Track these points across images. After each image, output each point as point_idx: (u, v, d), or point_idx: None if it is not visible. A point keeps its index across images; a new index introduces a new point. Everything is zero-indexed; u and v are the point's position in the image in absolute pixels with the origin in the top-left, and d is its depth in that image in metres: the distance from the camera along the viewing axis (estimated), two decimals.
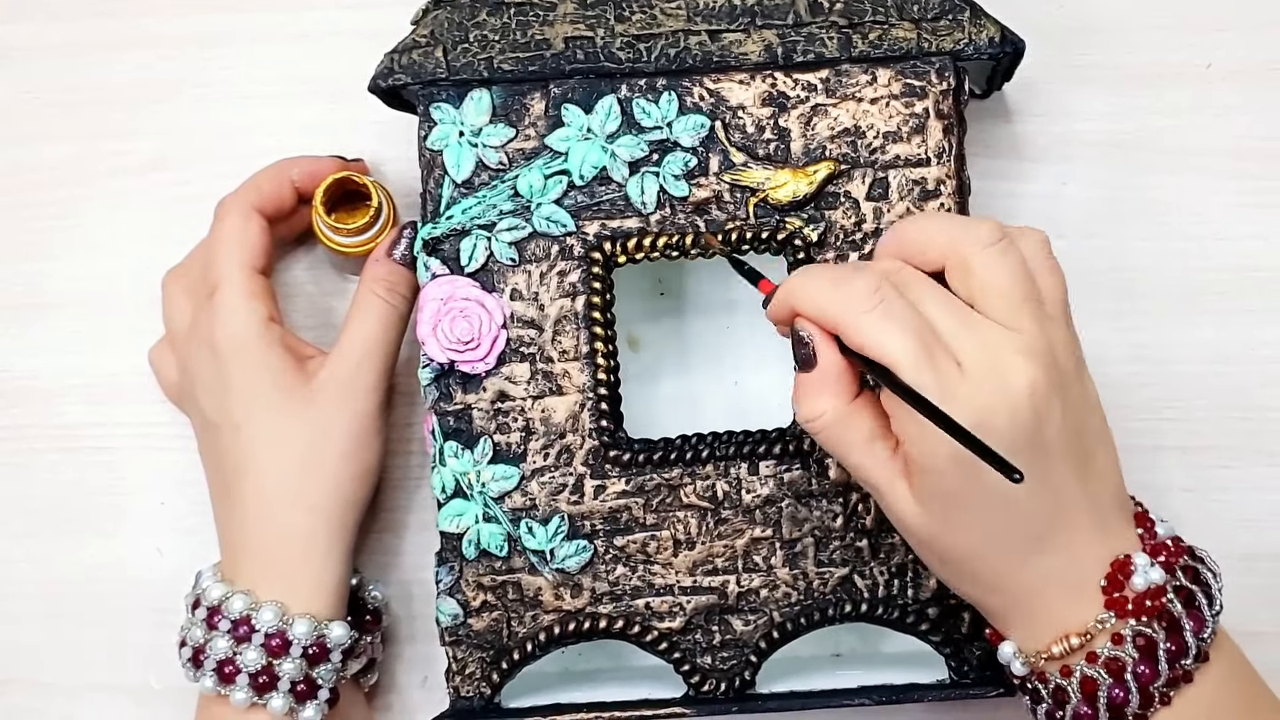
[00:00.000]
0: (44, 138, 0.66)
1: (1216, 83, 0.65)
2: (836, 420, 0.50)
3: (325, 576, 0.57)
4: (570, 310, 0.57)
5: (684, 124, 0.57)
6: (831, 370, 0.50)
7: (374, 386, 0.59)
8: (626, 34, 0.57)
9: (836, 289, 0.49)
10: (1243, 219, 0.64)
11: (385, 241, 0.60)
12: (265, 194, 0.60)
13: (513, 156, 0.57)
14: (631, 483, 0.57)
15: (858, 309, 0.49)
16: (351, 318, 0.59)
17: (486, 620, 0.57)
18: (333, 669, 0.56)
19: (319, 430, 0.58)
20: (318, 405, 0.58)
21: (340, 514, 0.58)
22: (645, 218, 0.57)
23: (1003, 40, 0.57)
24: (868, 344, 0.48)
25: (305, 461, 0.57)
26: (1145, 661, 0.49)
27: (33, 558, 0.64)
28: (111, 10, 0.66)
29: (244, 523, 0.57)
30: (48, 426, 0.65)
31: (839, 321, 0.49)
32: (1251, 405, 0.63)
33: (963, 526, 0.49)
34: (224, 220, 0.60)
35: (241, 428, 0.58)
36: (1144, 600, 0.50)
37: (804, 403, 0.50)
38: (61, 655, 0.64)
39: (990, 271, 0.49)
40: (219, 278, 0.59)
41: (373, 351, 0.59)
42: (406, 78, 0.57)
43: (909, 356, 0.47)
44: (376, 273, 0.59)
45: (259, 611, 0.55)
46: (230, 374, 0.58)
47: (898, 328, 0.48)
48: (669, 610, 0.57)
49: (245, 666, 0.55)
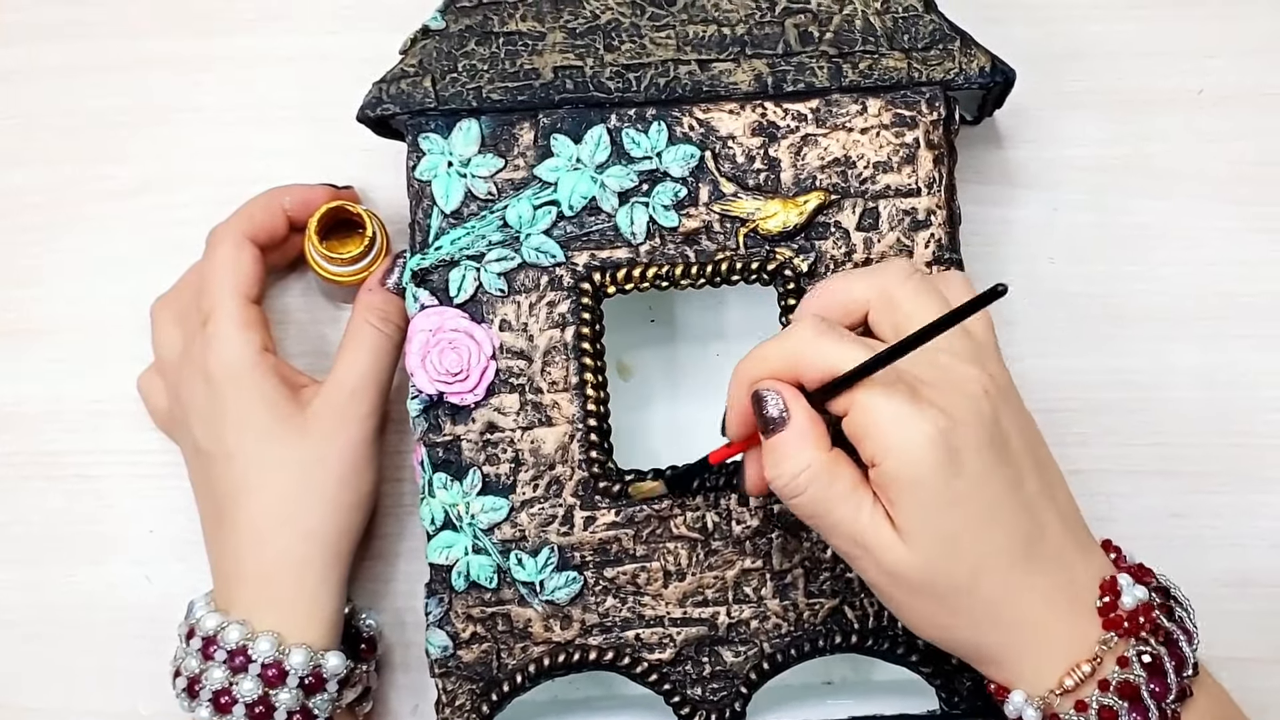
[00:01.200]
0: (31, 162, 0.66)
1: (1207, 108, 0.65)
2: (822, 471, 0.49)
3: (321, 605, 0.57)
4: (560, 341, 0.57)
5: (674, 154, 0.56)
6: (806, 422, 0.49)
7: (368, 415, 0.58)
8: (616, 64, 0.57)
9: (780, 341, 0.50)
10: (1234, 244, 0.64)
11: (378, 270, 0.60)
12: (258, 223, 0.60)
13: (502, 187, 0.57)
14: (621, 514, 0.56)
15: (807, 338, 0.49)
16: (345, 347, 0.59)
17: (476, 652, 0.57)
18: (329, 699, 0.56)
19: (314, 458, 0.57)
20: (312, 434, 0.58)
21: (335, 542, 0.58)
22: (635, 248, 0.57)
23: (993, 70, 0.57)
24: (826, 361, 0.48)
25: (300, 489, 0.57)
26: (1155, 679, 0.49)
27: (21, 584, 0.64)
28: (100, 35, 0.66)
29: (238, 551, 0.57)
30: (36, 453, 0.64)
31: (796, 358, 0.49)
32: (1242, 431, 0.63)
33: (955, 551, 0.48)
34: (217, 249, 0.60)
35: (235, 456, 0.57)
36: (1138, 618, 0.49)
37: (784, 462, 0.49)
38: (49, 682, 0.64)
39: (916, 302, 0.50)
40: (213, 306, 0.58)
41: (366, 380, 0.59)
42: (395, 107, 0.57)
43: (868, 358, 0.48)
44: (370, 302, 0.59)
45: (255, 642, 0.55)
46: (224, 403, 0.57)
47: (851, 341, 0.48)
48: (659, 641, 0.57)
49: (242, 697, 0.55)
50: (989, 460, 0.48)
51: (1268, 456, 0.63)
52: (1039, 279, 0.64)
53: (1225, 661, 0.53)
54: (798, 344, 0.49)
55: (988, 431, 0.48)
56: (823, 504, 0.49)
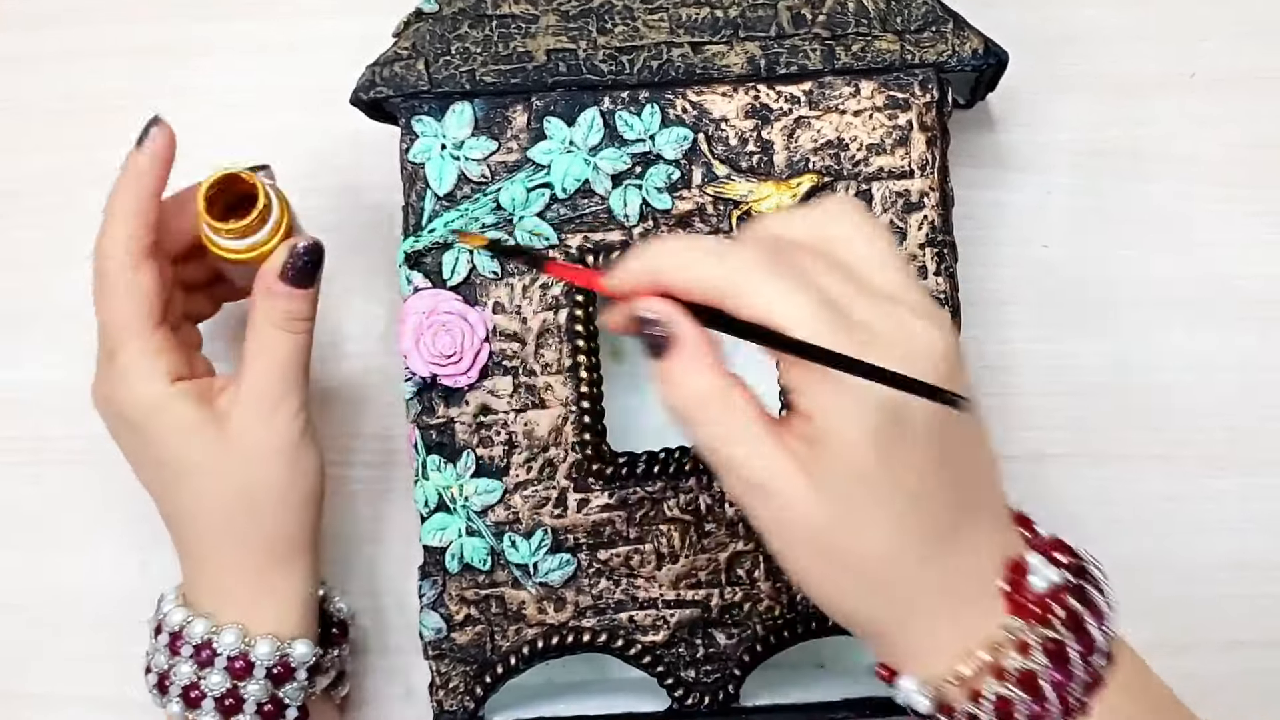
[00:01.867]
0: (23, 149, 0.66)
1: (1200, 91, 0.65)
2: (716, 397, 0.44)
3: (286, 596, 0.56)
4: (553, 324, 0.57)
5: (667, 136, 0.57)
6: (699, 343, 0.44)
7: (293, 416, 0.56)
8: (609, 46, 0.57)
9: (716, 255, 0.44)
10: (1227, 228, 0.64)
11: (274, 265, 0.55)
12: (137, 230, 0.55)
13: (495, 169, 0.57)
14: (614, 496, 0.56)
15: (749, 270, 0.43)
16: (253, 352, 0.55)
17: (470, 634, 0.57)
18: (299, 687, 0.56)
19: (247, 474, 0.55)
20: (239, 447, 0.55)
21: (288, 543, 0.56)
22: (628, 230, 0.57)
23: (986, 52, 0.57)
24: (766, 307, 0.43)
25: (242, 502, 0.55)
26: (1058, 667, 0.45)
27: (13, 570, 0.64)
28: (92, 20, 0.66)
29: (193, 560, 0.57)
30: (29, 439, 0.65)
31: (727, 290, 0.43)
32: (1237, 414, 0.63)
33: (872, 518, 0.44)
34: (104, 276, 0.55)
35: (170, 491, 0.56)
36: (1046, 601, 0.45)
37: (675, 385, 0.44)
38: (42, 667, 0.64)
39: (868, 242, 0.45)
40: (114, 344, 0.55)
41: (284, 383, 0.55)
42: (388, 90, 0.57)
43: (816, 319, 0.43)
44: (274, 305, 0.55)
45: (220, 635, 0.55)
46: (144, 439, 0.56)
47: (797, 289, 0.43)
48: (652, 624, 0.57)
49: (210, 691, 0.55)
50: (933, 433, 0.44)
51: (1263, 440, 0.63)
52: (1032, 262, 0.64)
53: (1220, 645, 0.53)
54: (736, 270, 0.44)
55: (937, 416, 0.44)
56: (718, 431, 0.44)
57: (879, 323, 0.44)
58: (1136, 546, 0.62)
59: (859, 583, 0.45)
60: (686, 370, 0.45)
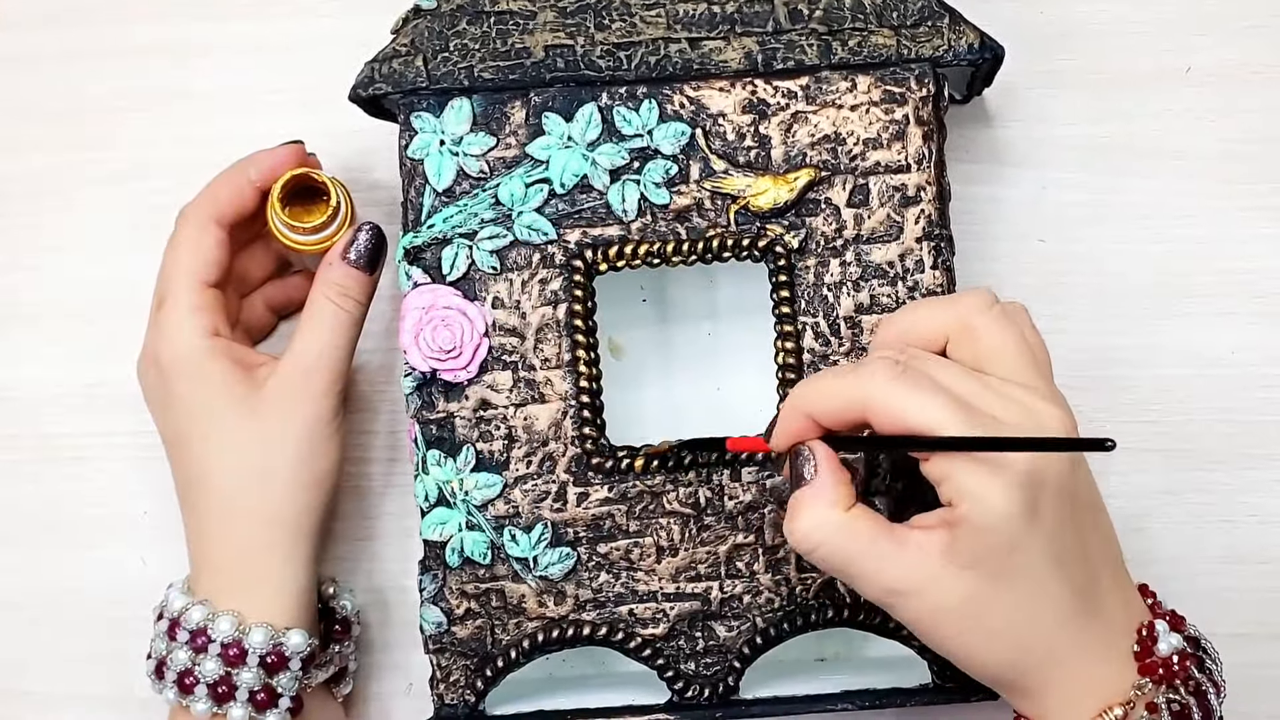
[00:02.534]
0: (22, 147, 0.66)
1: (1196, 86, 0.65)
2: (836, 530, 0.49)
3: (284, 584, 0.57)
4: (552, 318, 0.57)
5: (664, 132, 0.57)
6: (830, 479, 0.49)
7: (325, 392, 0.57)
8: (606, 42, 0.57)
9: (851, 375, 0.49)
10: (1223, 222, 0.64)
11: (339, 244, 0.59)
12: (223, 201, 0.59)
13: (494, 165, 0.57)
14: (614, 490, 0.57)
15: (881, 384, 0.48)
16: (303, 323, 0.58)
17: (470, 628, 0.57)
18: (293, 677, 0.56)
19: (269, 439, 0.57)
20: (267, 415, 0.57)
21: (296, 521, 0.57)
22: (626, 225, 0.57)
23: (982, 46, 0.57)
24: (902, 415, 0.47)
25: (256, 472, 0.57)
26: None
27: (15, 567, 0.64)
28: (90, 20, 0.66)
29: (200, 535, 0.57)
30: (29, 437, 0.65)
31: (866, 402, 0.48)
32: (1233, 408, 0.63)
33: (1016, 586, 0.48)
34: (178, 232, 0.59)
35: (192, 443, 0.57)
36: (1172, 666, 0.49)
37: (797, 518, 0.49)
38: (44, 664, 0.64)
39: (996, 335, 0.50)
40: (165, 293, 0.58)
41: (324, 358, 0.57)
42: (387, 87, 0.57)
43: (950, 415, 0.47)
44: (329, 277, 0.58)
45: (215, 621, 0.55)
46: (175, 390, 0.57)
47: (929, 392, 0.47)
48: (652, 617, 0.57)
49: (203, 677, 0.55)
50: (1064, 513, 0.48)
51: (1259, 433, 0.63)
52: (1028, 257, 0.64)
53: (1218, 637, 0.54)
54: (870, 388, 0.48)
55: (1068, 484, 0.48)
56: (840, 558, 0.49)
57: (1005, 411, 0.48)
58: (1133, 540, 0.62)
59: (1002, 646, 0.49)
60: (815, 504, 0.49)
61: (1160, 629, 0.50)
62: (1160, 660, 0.49)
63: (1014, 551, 0.47)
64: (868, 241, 0.57)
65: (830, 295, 0.57)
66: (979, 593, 0.48)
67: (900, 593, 0.49)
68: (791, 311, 0.57)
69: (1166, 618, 0.51)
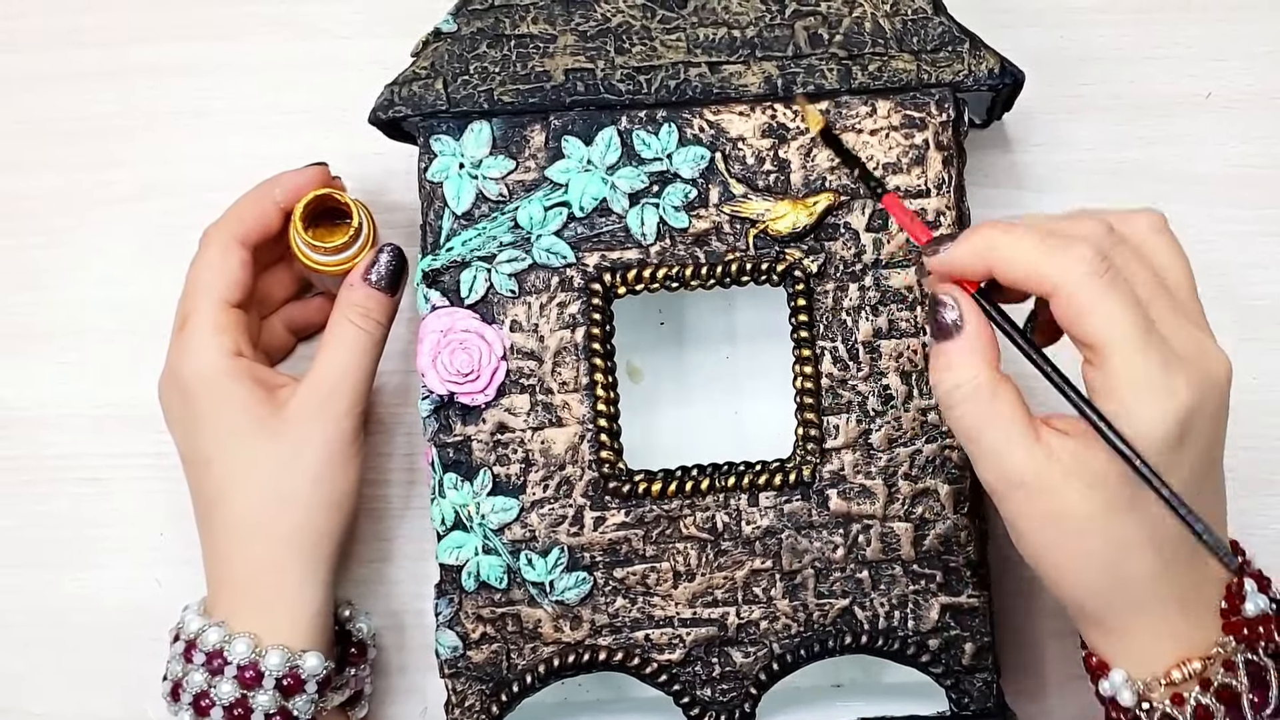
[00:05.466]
0: (34, 167, 0.66)
1: (1216, 112, 0.65)
2: (986, 388, 0.47)
3: (301, 607, 0.57)
4: (570, 342, 0.57)
5: (684, 155, 0.57)
6: (979, 337, 0.47)
7: (345, 414, 0.57)
8: (626, 66, 0.57)
9: (1055, 252, 0.46)
10: (1244, 248, 0.64)
11: (361, 265, 0.59)
12: (247, 222, 0.59)
13: (513, 188, 0.57)
14: (631, 514, 0.56)
15: (1080, 277, 0.46)
16: (324, 344, 0.58)
17: (486, 652, 0.57)
18: (309, 700, 0.56)
19: (289, 460, 0.57)
20: (287, 436, 0.57)
21: (314, 543, 0.57)
22: (645, 249, 0.57)
23: (1002, 71, 0.57)
24: (1090, 316, 0.46)
25: (276, 493, 0.57)
26: (1257, 690, 0.48)
27: (28, 588, 0.64)
28: (102, 40, 0.67)
29: (218, 556, 0.57)
30: (42, 457, 0.65)
31: (1061, 287, 0.46)
32: (1252, 434, 0.63)
33: (1138, 518, 0.47)
34: (202, 253, 0.59)
35: (212, 463, 0.57)
36: (1257, 627, 0.49)
37: (948, 370, 0.47)
38: (59, 687, 0.64)
39: (1176, 263, 0.49)
40: (188, 311, 0.58)
41: (344, 379, 0.57)
42: (407, 109, 0.57)
43: (1133, 334, 0.46)
44: (351, 298, 0.58)
45: (232, 643, 0.55)
46: (197, 409, 0.57)
47: (1121, 302, 0.46)
48: (669, 642, 0.57)
49: (220, 699, 0.55)
50: (1206, 447, 0.47)
51: (1278, 460, 0.63)
52: None
53: None
54: (1068, 276, 0.46)
55: (1219, 422, 0.48)
56: (976, 425, 0.47)
57: (1183, 344, 0.47)
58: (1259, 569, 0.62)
59: (1099, 575, 0.48)
60: (965, 357, 0.47)
61: (1249, 587, 0.49)
62: (1245, 620, 0.49)
63: (1144, 484, 0.46)
64: (887, 266, 0.57)
65: (849, 320, 0.57)
66: (1095, 514, 0.47)
67: (1017, 485, 0.47)
68: (810, 336, 0.57)
69: (1255, 577, 0.50)
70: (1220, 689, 0.48)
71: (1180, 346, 0.47)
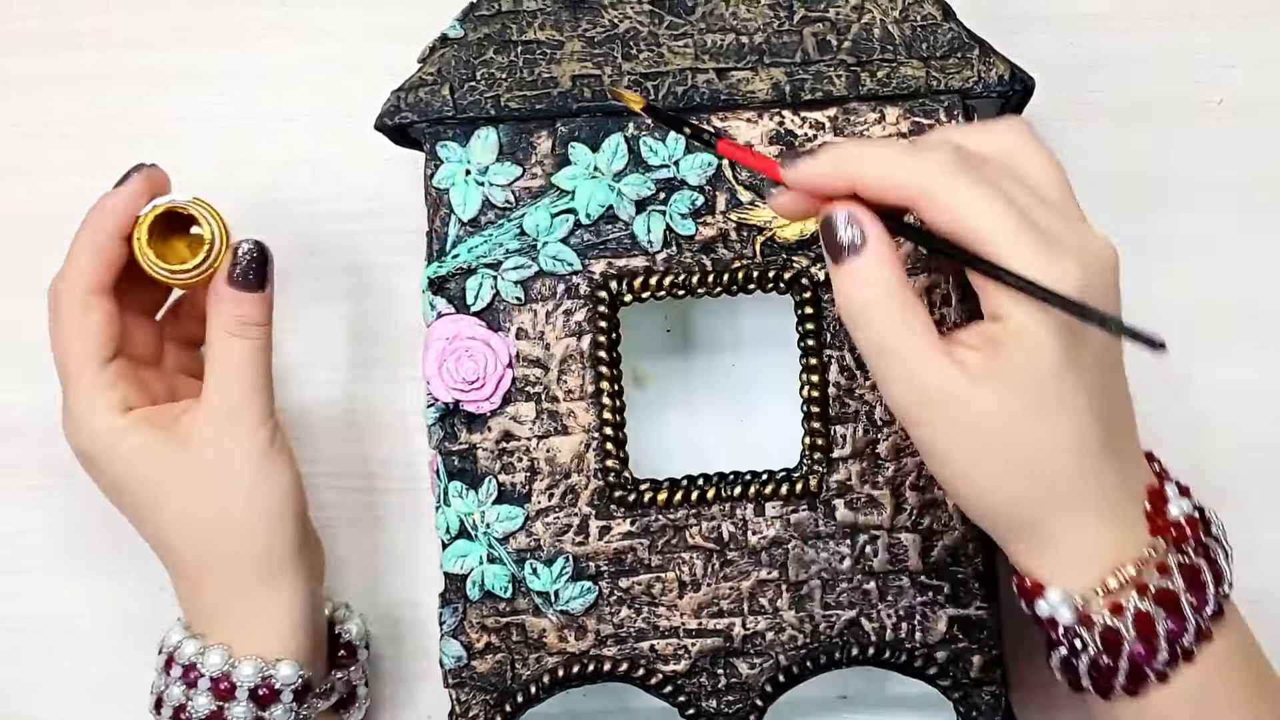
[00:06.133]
0: (38, 171, 0.66)
1: (1228, 118, 0.64)
2: (897, 299, 0.46)
3: (274, 616, 0.55)
4: (576, 349, 0.56)
5: (691, 162, 0.56)
6: (885, 248, 0.46)
7: (255, 427, 0.55)
8: (634, 72, 0.56)
9: (914, 156, 0.46)
10: (1257, 255, 0.64)
11: (222, 271, 0.55)
12: (95, 268, 0.55)
13: (519, 195, 0.57)
14: (637, 524, 0.56)
15: (947, 175, 0.45)
16: (210, 365, 0.55)
17: (490, 662, 0.56)
18: (286, 709, 0.55)
19: (210, 491, 0.55)
20: (202, 470, 0.55)
21: (266, 557, 0.55)
22: (652, 256, 0.56)
23: (1012, 78, 0.57)
24: (962, 212, 0.45)
25: (209, 525, 0.55)
26: (1194, 591, 0.47)
27: (30, 594, 0.64)
28: (108, 43, 0.66)
29: (183, 593, 0.57)
30: (48, 462, 0.64)
31: (925, 190, 0.45)
32: (1262, 445, 0.63)
33: (1051, 416, 0.46)
34: (59, 315, 0.56)
35: (143, 521, 0.56)
36: (1184, 528, 0.48)
37: (858, 284, 0.46)
38: (61, 694, 0.63)
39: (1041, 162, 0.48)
40: (63, 380, 0.56)
41: (239, 395, 0.55)
42: (413, 116, 0.57)
43: (1009, 222, 0.45)
44: (221, 310, 0.55)
45: (205, 656, 0.55)
46: (106, 475, 0.56)
47: (990, 194, 0.45)
48: (674, 653, 0.56)
49: (195, 712, 0.54)
50: (1106, 349, 0.47)
51: None
52: None
53: None
54: (934, 175, 0.45)
55: (1112, 304, 0.47)
56: (887, 343, 0.46)
57: (1062, 232, 0.46)
58: None
59: (1023, 480, 0.47)
60: (872, 271, 0.46)
61: (1171, 492, 0.49)
62: (1171, 522, 0.48)
63: (1055, 380, 0.45)
64: None
65: None
66: (1012, 417, 0.46)
67: (935, 401, 0.46)
68: (817, 344, 0.56)
69: (1175, 484, 0.50)
70: (1158, 593, 0.47)
71: (1059, 234, 0.46)
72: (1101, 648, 0.47)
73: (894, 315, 0.46)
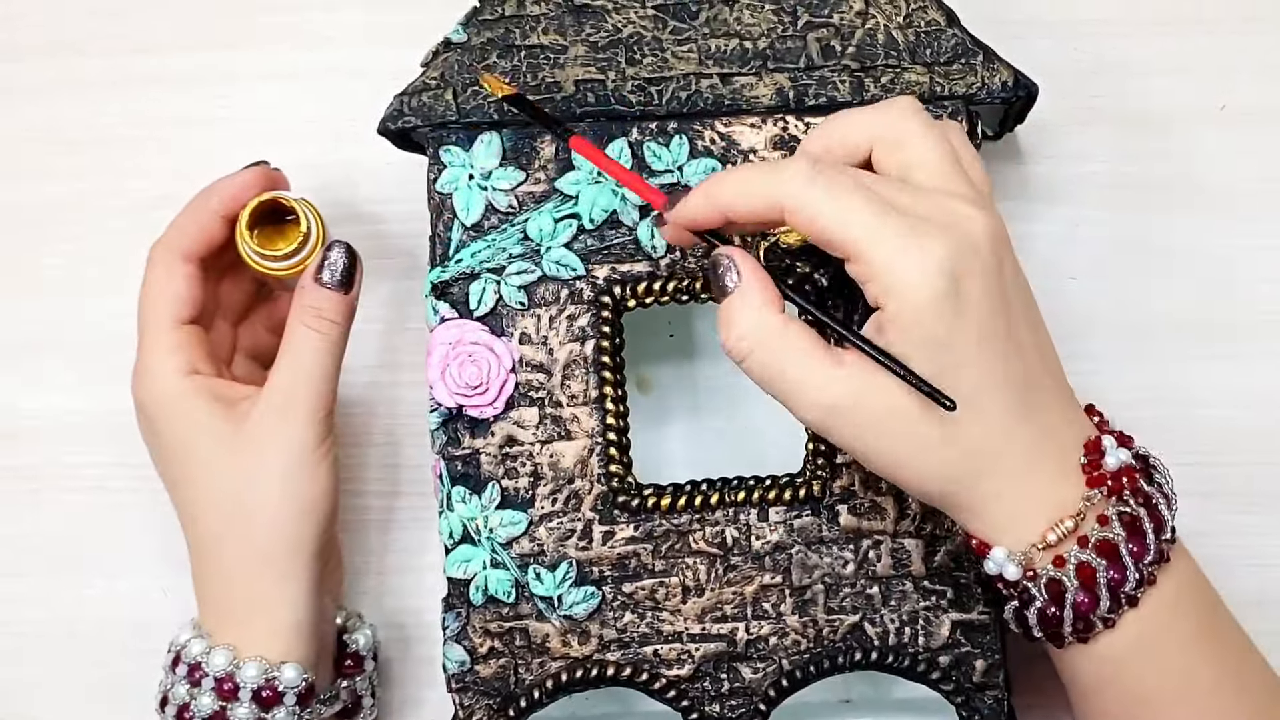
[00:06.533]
0: (46, 176, 0.66)
1: (1230, 124, 0.64)
2: (776, 331, 0.48)
3: (281, 618, 0.56)
4: (579, 354, 0.56)
5: (695, 167, 0.56)
6: (758, 282, 0.49)
7: (307, 421, 0.56)
8: (637, 77, 0.56)
9: (770, 173, 0.48)
10: (1257, 261, 0.64)
11: (311, 266, 0.57)
12: (189, 235, 0.57)
13: (522, 200, 0.57)
14: (640, 529, 0.56)
15: (800, 185, 0.48)
16: (281, 351, 0.57)
17: (494, 667, 0.56)
18: (289, 713, 0.55)
19: (252, 473, 0.55)
20: (248, 449, 0.56)
21: (288, 554, 0.56)
22: (655, 261, 0.56)
23: (1016, 84, 0.57)
24: (816, 215, 0.47)
25: (241, 507, 0.55)
26: (1134, 539, 0.49)
27: (35, 597, 0.64)
28: (114, 49, 0.66)
29: (198, 572, 0.57)
30: (50, 466, 0.64)
31: (784, 204, 0.48)
32: (1268, 449, 0.63)
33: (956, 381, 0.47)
34: (147, 273, 0.58)
35: (179, 484, 0.57)
36: (1121, 478, 0.49)
37: (735, 322, 0.49)
38: (63, 696, 0.64)
39: (923, 144, 0.49)
40: (139, 335, 0.58)
41: (304, 385, 0.56)
42: (416, 120, 0.57)
43: (866, 215, 0.47)
44: (304, 301, 0.57)
45: (210, 656, 0.55)
46: (159, 433, 0.57)
47: (846, 191, 0.47)
48: (677, 657, 0.56)
49: (199, 712, 0.55)
50: (992, 297, 0.48)
51: None
52: (1060, 296, 0.63)
53: None
54: (787, 186, 0.48)
55: (990, 269, 0.48)
56: (775, 366, 0.49)
57: (929, 211, 0.48)
58: None
59: (944, 455, 0.48)
60: (745, 307, 0.49)
61: (1107, 443, 0.50)
62: (1109, 473, 0.49)
63: (946, 346, 0.47)
64: None
65: None
66: (912, 396, 0.47)
67: (837, 408, 0.48)
68: None
69: (1114, 435, 0.51)
70: (1099, 543, 0.49)
71: (925, 213, 0.47)
72: (1048, 598, 0.49)
73: (772, 341, 0.49)
